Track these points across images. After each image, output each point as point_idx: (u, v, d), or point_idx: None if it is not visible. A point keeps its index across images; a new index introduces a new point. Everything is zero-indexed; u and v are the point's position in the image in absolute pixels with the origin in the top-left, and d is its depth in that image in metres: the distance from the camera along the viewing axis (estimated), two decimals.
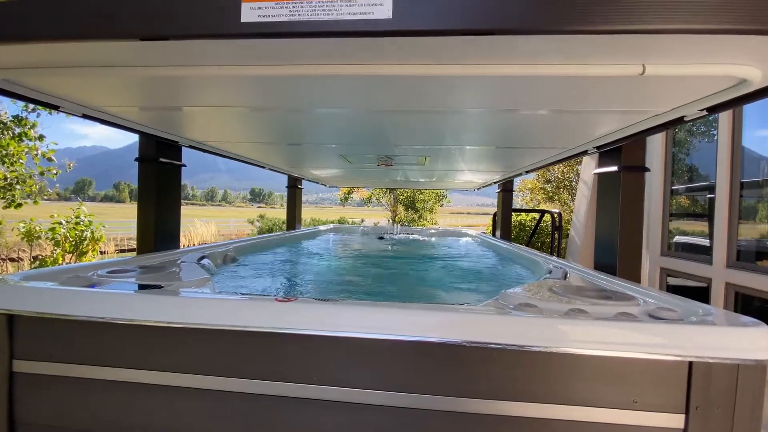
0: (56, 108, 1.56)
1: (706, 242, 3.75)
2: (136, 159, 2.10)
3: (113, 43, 1.03)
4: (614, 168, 1.87)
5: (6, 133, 6.05)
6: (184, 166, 2.32)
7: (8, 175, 6.24)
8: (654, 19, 0.78)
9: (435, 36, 0.94)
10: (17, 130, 6.14)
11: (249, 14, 0.93)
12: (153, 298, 1.17)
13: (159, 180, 2.11)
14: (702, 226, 3.90)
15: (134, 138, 2.22)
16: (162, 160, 2.12)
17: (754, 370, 0.91)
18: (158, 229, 2.12)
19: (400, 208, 17.14)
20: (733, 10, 0.77)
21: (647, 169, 1.84)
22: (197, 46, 1.05)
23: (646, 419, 0.95)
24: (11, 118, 6.13)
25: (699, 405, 0.93)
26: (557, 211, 5.38)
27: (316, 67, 1.13)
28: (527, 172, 3.68)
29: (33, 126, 6.28)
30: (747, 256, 3.31)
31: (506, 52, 1.01)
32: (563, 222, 7.79)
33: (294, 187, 4.64)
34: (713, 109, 1.27)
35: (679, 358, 0.93)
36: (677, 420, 0.94)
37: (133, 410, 1.13)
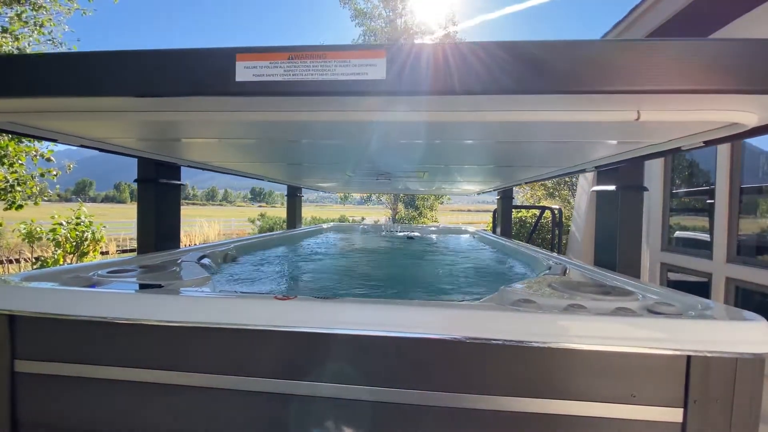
0: (54, 141, 1.57)
1: (706, 237, 3.75)
2: (135, 180, 2.11)
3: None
4: (612, 187, 1.88)
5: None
6: (184, 185, 2.32)
7: (8, 177, 6.24)
8: (647, 82, 0.83)
9: (429, 95, 0.96)
10: None
11: (244, 74, 0.94)
12: (153, 297, 1.18)
13: (158, 200, 2.12)
14: (702, 221, 3.90)
15: None
16: (161, 181, 2.12)
17: (752, 364, 0.92)
18: (158, 251, 2.13)
19: (400, 206, 17.14)
20: (720, 73, 0.82)
21: (645, 189, 1.85)
22: (194, 98, 1.07)
23: (645, 413, 0.95)
24: None
25: (697, 399, 0.93)
26: (558, 207, 5.37)
27: (310, 114, 1.15)
28: (526, 183, 3.73)
29: None
30: (747, 251, 3.31)
31: (506, 103, 1.04)
32: (564, 218, 7.79)
33: (294, 196, 4.59)
34: (710, 143, 1.29)
35: (677, 352, 0.93)
36: (676, 414, 0.94)
37: (135, 409, 1.13)
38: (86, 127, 1.43)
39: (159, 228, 2.13)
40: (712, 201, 3.53)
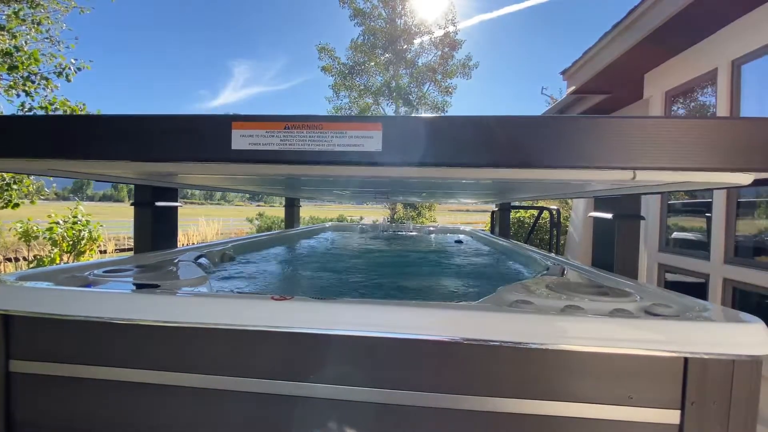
0: (47, 176, 1.58)
1: (703, 238, 3.76)
2: (132, 203, 2.09)
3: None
4: (609, 215, 1.89)
5: None
6: (181, 206, 2.32)
7: (4, 175, 6.21)
8: (645, 161, 0.90)
9: (424, 167, 1.00)
10: None
11: (239, 142, 0.96)
12: (150, 297, 1.17)
13: (155, 223, 2.11)
14: (700, 222, 3.91)
15: None
16: (158, 204, 2.11)
17: (749, 366, 0.92)
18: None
19: (399, 206, 17.15)
20: (714, 151, 0.88)
21: (642, 218, 1.86)
22: None
23: (642, 415, 0.95)
24: None
25: (695, 400, 0.93)
26: (556, 207, 5.37)
27: (307, 169, 1.19)
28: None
29: None
30: (745, 252, 3.31)
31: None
32: (562, 219, 7.79)
33: (292, 206, 4.49)
34: (707, 190, 1.30)
35: (674, 354, 0.93)
36: (673, 415, 0.94)
37: (131, 410, 1.13)
38: (85, 169, 1.46)
39: (156, 250, 2.12)
40: (710, 215, 3.54)
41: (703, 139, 0.88)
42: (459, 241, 4.48)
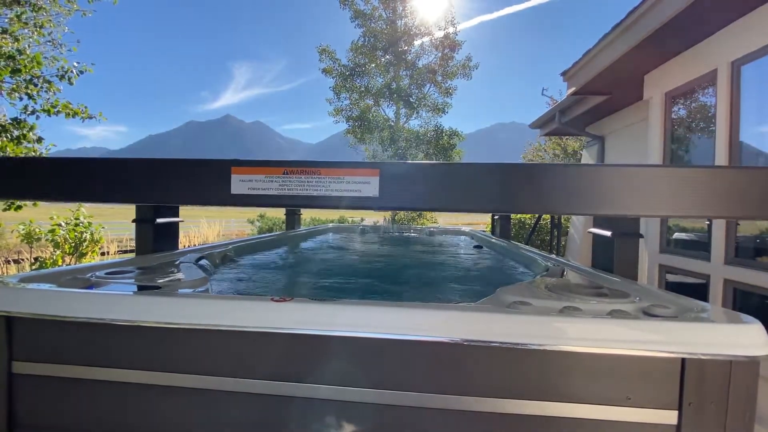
0: (53, 201, 1.64)
1: (704, 239, 3.75)
2: (133, 220, 2.09)
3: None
4: (608, 233, 1.90)
5: (5, 135, 6.04)
6: (182, 221, 2.31)
7: None
8: (643, 209, 0.97)
9: (417, 210, 1.01)
10: (16, 133, 6.14)
11: (239, 186, 1.00)
12: (151, 298, 1.18)
13: (156, 239, 2.10)
14: (701, 222, 3.91)
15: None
16: (159, 221, 2.10)
17: (747, 367, 0.92)
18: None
19: None
20: (704, 203, 0.93)
21: (641, 236, 1.87)
22: None
23: (640, 416, 0.95)
24: (10, 121, 6.13)
25: (692, 401, 0.93)
26: None
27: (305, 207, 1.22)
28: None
29: (32, 128, 6.28)
30: (745, 253, 3.31)
31: None
32: (563, 220, 7.79)
33: (293, 214, 4.46)
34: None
35: (672, 355, 0.93)
36: (670, 416, 0.95)
37: (132, 411, 1.14)
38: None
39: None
40: (710, 222, 3.53)
41: (699, 189, 0.91)
42: (479, 247, 4.22)
